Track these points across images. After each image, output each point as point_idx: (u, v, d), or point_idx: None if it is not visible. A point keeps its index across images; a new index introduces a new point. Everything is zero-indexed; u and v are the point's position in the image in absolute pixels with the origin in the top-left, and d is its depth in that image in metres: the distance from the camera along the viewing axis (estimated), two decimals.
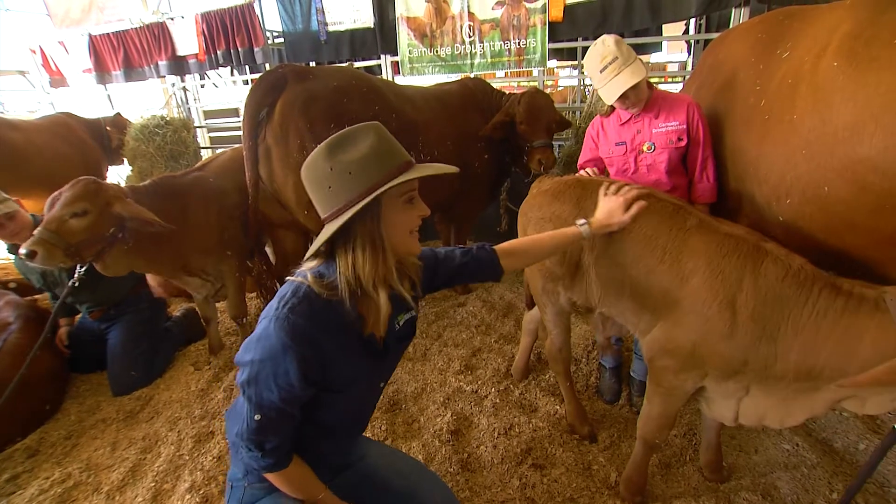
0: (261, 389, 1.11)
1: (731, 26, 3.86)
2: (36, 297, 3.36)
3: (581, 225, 1.62)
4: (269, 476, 1.23)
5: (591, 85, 4.59)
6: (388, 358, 1.35)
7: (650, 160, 2.15)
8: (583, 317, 2.20)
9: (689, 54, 5.39)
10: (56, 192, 2.41)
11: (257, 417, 1.12)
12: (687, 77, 4.39)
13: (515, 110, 3.27)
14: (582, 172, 2.17)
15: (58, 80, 6.73)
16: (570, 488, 1.99)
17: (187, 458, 2.27)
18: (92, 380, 3.02)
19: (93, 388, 2.95)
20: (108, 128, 5.24)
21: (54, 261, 2.29)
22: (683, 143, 2.08)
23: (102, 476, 2.21)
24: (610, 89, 1.95)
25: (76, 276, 2.53)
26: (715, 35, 3.11)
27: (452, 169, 1.16)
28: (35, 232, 2.29)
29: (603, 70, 1.95)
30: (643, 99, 2.07)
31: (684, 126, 2.06)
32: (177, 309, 3.58)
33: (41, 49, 6.61)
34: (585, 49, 5.11)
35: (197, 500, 2.00)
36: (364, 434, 1.78)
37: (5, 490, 2.18)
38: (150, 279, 3.34)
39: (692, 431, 2.26)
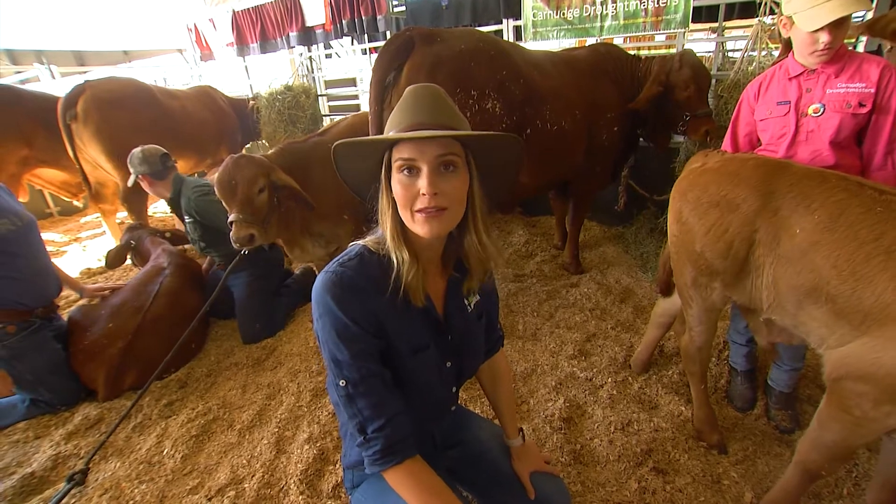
0: (332, 350, 1.07)
1: None
2: (185, 246, 3.80)
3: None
4: (388, 477, 1.12)
5: (734, 49, 3.99)
6: (452, 337, 1.25)
7: (813, 125, 1.78)
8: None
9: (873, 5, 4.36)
10: (221, 176, 2.44)
11: (342, 383, 1.08)
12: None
13: (675, 77, 2.92)
14: None
15: (206, 54, 7.44)
16: (697, 501, 1.78)
17: (305, 409, 2.40)
18: (228, 325, 3.32)
19: (228, 334, 3.25)
20: (254, 103, 5.66)
21: (269, 237, 2.51)
22: (865, 111, 1.69)
23: (235, 415, 2.43)
24: (825, 10, 1.58)
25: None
26: None
27: (452, 133, 0.99)
28: (234, 218, 2.41)
29: None
30: (840, 44, 1.69)
31: (873, 90, 1.67)
32: (297, 267, 3.83)
33: (196, 27, 7.34)
34: (729, 7, 4.45)
35: (314, 452, 2.08)
36: (474, 411, 1.74)
37: (164, 413, 2.50)
38: None
39: (851, 460, 1.91)
